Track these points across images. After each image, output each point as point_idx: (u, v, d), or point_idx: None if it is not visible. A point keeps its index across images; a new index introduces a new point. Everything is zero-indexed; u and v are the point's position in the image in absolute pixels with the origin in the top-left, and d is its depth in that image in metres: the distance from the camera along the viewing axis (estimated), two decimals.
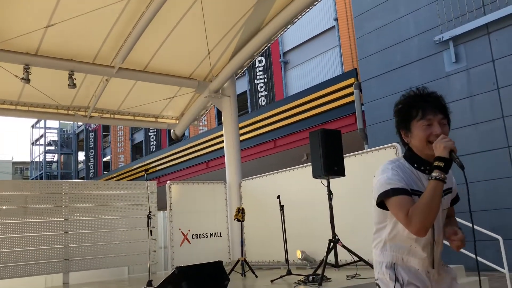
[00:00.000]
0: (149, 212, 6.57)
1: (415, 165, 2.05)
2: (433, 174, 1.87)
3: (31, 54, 7.83)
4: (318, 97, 13.16)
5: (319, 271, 5.64)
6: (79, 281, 8.48)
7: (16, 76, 7.75)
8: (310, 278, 5.53)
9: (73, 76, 8.14)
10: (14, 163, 56.36)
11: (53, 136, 45.16)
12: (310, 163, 6.63)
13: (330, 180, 6.23)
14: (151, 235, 6.46)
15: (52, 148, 44.77)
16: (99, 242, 8.78)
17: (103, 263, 8.79)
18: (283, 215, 6.57)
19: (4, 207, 8.54)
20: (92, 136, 37.11)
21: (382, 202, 2.01)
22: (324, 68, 17.46)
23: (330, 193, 6.16)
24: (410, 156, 2.09)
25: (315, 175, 6.26)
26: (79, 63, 8.25)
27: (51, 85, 8.68)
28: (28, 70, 7.72)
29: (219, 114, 20.03)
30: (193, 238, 8.96)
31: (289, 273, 6.26)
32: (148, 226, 6.45)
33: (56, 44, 7.83)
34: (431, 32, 10.55)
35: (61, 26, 7.21)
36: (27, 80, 7.72)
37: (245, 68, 10.26)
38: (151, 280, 6.18)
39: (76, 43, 8.00)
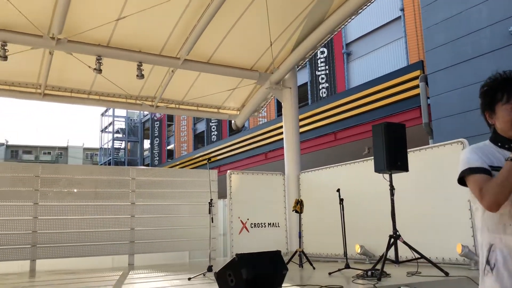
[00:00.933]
0: (211, 199, 6.75)
1: (499, 144, 2.12)
2: (510, 155, 1.92)
3: (103, 46, 8.25)
4: (381, 90, 12.84)
5: (378, 266, 5.57)
6: (143, 263, 8.90)
7: (89, 67, 8.20)
8: (369, 273, 5.47)
9: (141, 67, 8.49)
10: (85, 149, 59.63)
11: (121, 124, 47.29)
12: (372, 157, 6.52)
13: (392, 175, 6.10)
14: (212, 222, 6.63)
15: (120, 135, 46.92)
16: (162, 227, 9.16)
17: (166, 247, 9.17)
18: (342, 208, 6.52)
19: (75, 190, 9.13)
20: (157, 125, 38.47)
21: (462, 180, 2.11)
22: (388, 59, 16.97)
23: (392, 188, 6.03)
24: (495, 137, 2.15)
25: (377, 170, 6.15)
26: (147, 54, 8.59)
27: (121, 76, 9.10)
28: (100, 61, 8.14)
29: (279, 106, 20.07)
30: (252, 227, 9.11)
31: (347, 266, 6.22)
32: (209, 213, 6.64)
33: (126, 36, 8.20)
34: (505, 22, 9.95)
35: (131, 19, 7.53)
36: (99, 71, 8.16)
37: (307, 59, 10.21)
38: (211, 266, 6.37)
39: (144, 35, 8.33)
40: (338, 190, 6.56)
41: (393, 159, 5.92)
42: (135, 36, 8.28)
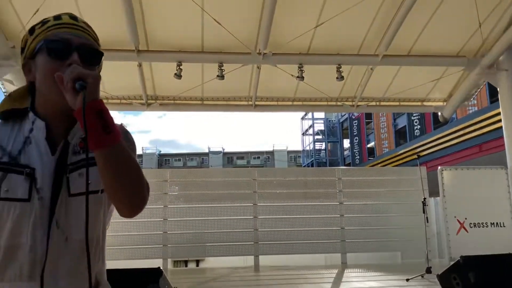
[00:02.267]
0: (424, 198, 6.45)
1: None
2: None
3: (304, 54, 8.65)
4: None
5: None
6: (355, 262, 8.99)
7: (292, 75, 8.70)
8: None
9: (340, 69, 8.63)
10: (289, 152, 63.28)
11: (320, 126, 48.84)
12: None
13: None
14: (427, 222, 6.32)
15: (320, 137, 48.46)
16: (372, 226, 9.13)
17: (377, 246, 9.10)
18: None
19: (284, 191, 9.77)
20: (356, 124, 38.49)
21: None
22: None
23: None
24: None
25: None
26: (345, 56, 8.68)
27: (321, 80, 9.41)
28: (302, 69, 8.56)
29: (491, 91, 18.03)
30: (471, 227, 8.35)
31: None
32: (423, 212, 6.35)
33: (324, 41, 8.44)
34: None
35: (328, 24, 7.73)
36: (301, 78, 8.58)
37: None
38: (430, 267, 6.07)
39: (341, 37, 8.45)
40: None
41: None
42: (333, 39, 8.46)
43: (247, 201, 9.18)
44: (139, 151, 64.42)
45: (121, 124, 1.27)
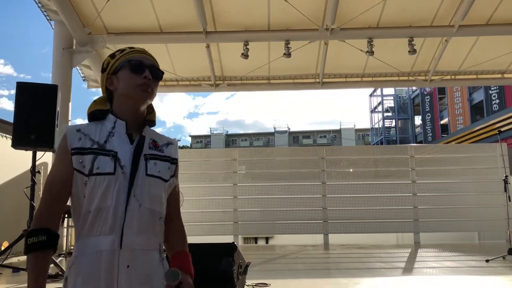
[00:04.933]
0: (505, 176, 6.09)
1: None
2: None
3: (373, 28, 8.36)
4: None
5: None
6: (429, 242, 8.72)
7: (361, 50, 8.46)
8: None
9: (412, 42, 8.26)
10: (357, 130, 62.00)
11: (389, 102, 47.26)
12: None
13: None
14: (510, 200, 5.97)
15: (390, 114, 46.94)
16: (447, 205, 8.78)
17: (452, 226, 8.76)
18: None
19: (351, 170, 9.61)
20: (428, 100, 36.85)
21: None
22: None
23: None
24: None
25: None
26: (417, 28, 8.29)
27: (391, 54, 9.07)
28: (371, 43, 8.29)
29: None
30: None
31: None
32: (505, 191, 5.99)
33: (394, 13, 8.10)
34: None
35: None
36: (371, 53, 8.32)
37: None
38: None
39: (413, 8, 8.06)
40: None
41: None
42: (404, 11, 8.09)
43: (315, 179, 9.15)
44: (207, 131, 65.98)
45: (175, 141, 1.75)
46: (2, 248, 5.06)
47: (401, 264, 6.19)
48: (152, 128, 1.72)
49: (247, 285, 3.78)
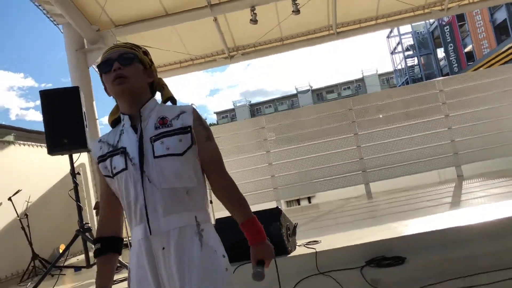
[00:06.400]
0: None
1: None
2: None
3: None
4: None
5: None
6: (472, 173, 8.58)
7: None
8: None
9: None
10: (380, 75, 60.75)
11: (408, 41, 45.90)
12: None
13: None
14: None
15: (410, 52, 45.65)
16: (484, 133, 8.58)
17: (493, 153, 8.58)
18: None
19: (381, 116, 9.44)
20: (448, 30, 35.57)
21: None
22: None
23: None
24: None
25: None
26: None
27: None
28: None
29: None
30: None
31: None
32: None
33: None
34: None
35: None
36: None
37: None
38: None
39: None
40: None
41: None
42: None
43: (347, 132, 9.07)
44: (230, 105, 66.00)
45: (194, 109, 1.69)
46: (61, 251, 5.28)
47: (447, 199, 6.13)
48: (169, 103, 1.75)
49: (298, 245, 3.84)
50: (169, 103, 1.75)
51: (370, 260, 3.38)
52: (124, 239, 2.48)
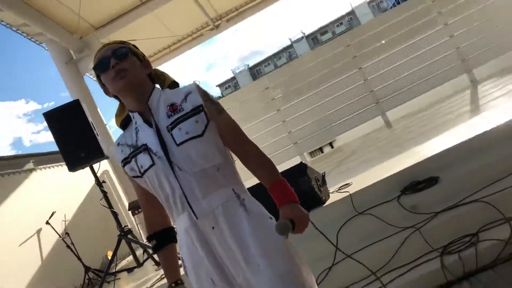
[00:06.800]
0: None
1: None
2: None
3: None
4: None
5: None
6: (485, 74, 8.40)
7: None
8: None
9: None
10: (369, 2, 59.08)
11: None
12: None
13: None
14: None
15: None
16: (489, 33, 8.35)
17: (502, 49, 8.36)
18: None
19: (383, 41, 9.23)
20: None
21: None
22: None
23: None
24: None
25: None
26: None
27: None
28: None
29: None
30: None
31: None
32: None
33: None
34: None
35: None
36: None
37: None
38: None
39: None
40: None
41: None
42: None
43: (351, 69, 8.93)
44: (230, 75, 65.51)
45: (198, 85, 1.66)
46: (109, 257, 5.44)
47: (467, 107, 6.06)
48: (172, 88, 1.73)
49: (331, 193, 3.87)
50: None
51: (404, 188, 3.39)
52: None
